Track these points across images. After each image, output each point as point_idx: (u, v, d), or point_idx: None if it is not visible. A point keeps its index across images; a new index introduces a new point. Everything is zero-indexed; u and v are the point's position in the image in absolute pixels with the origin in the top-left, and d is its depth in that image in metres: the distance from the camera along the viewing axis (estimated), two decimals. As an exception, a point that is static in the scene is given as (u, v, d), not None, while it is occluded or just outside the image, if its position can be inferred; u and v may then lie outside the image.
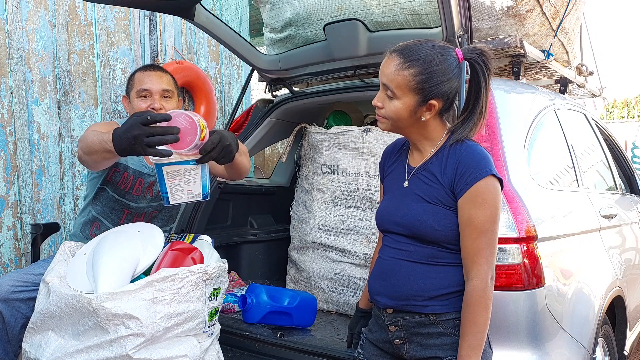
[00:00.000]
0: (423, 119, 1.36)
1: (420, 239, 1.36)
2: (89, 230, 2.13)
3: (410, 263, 1.38)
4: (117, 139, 1.49)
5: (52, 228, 2.44)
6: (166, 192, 1.63)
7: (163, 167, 1.59)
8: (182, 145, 1.52)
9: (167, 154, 1.49)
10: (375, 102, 1.39)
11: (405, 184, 1.43)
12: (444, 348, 1.35)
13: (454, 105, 1.49)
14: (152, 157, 1.53)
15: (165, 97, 2.00)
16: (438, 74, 1.32)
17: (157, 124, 1.48)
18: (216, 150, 1.60)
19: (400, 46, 1.36)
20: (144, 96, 1.97)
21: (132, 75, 2.06)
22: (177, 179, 1.63)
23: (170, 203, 1.65)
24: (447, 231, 1.33)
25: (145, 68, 2.06)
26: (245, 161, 1.93)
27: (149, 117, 1.46)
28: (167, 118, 1.48)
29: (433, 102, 1.33)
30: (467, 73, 1.45)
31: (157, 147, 1.46)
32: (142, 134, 1.44)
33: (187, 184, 1.64)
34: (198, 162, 1.61)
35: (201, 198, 1.68)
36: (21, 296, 1.88)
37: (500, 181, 1.34)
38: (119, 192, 2.05)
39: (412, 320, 1.38)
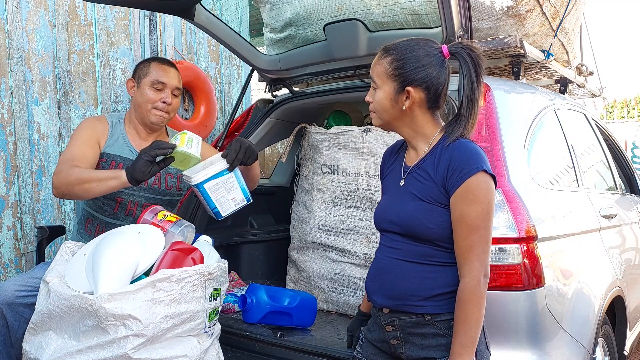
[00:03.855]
0: (404, 107, 1.38)
1: (414, 237, 1.37)
2: (84, 227, 2.15)
3: (405, 262, 1.38)
4: (132, 175, 1.72)
5: (58, 231, 2.45)
6: (215, 207, 1.79)
7: (204, 185, 1.76)
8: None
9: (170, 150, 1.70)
10: (366, 98, 1.45)
11: (401, 182, 1.44)
12: (439, 349, 1.35)
13: (452, 101, 1.49)
14: (185, 177, 1.78)
15: (174, 94, 2.11)
16: (412, 60, 1.36)
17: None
18: (241, 152, 1.80)
19: (386, 43, 1.43)
20: (158, 89, 2.06)
21: (148, 63, 2.13)
22: (220, 192, 1.79)
23: (223, 216, 1.82)
24: (441, 229, 1.33)
25: (163, 61, 2.15)
26: (258, 169, 2.07)
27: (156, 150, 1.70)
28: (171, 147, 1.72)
29: (409, 88, 1.36)
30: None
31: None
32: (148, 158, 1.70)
33: (229, 193, 1.81)
34: (230, 169, 1.78)
35: (245, 202, 1.85)
36: (25, 301, 1.87)
37: (494, 178, 1.34)
38: None
39: (407, 321, 1.38)
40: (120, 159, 2.06)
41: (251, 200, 1.86)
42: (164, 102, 2.06)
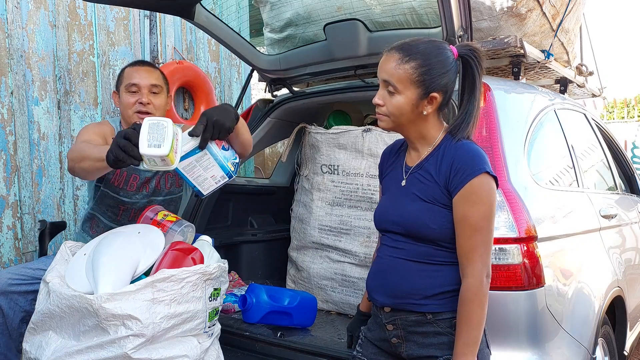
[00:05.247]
0: (425, 112, 1.37)
1: (416, 237, 1.37)
2: (88, 227, 2.16)
3: (406, 262, 1.38)
4: (110, 165, 1.55)
5: (58, 227, 2.46)
6: (195, 186, 1.70)
7: (177, 166, 1.64)
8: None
9: (134, 163, 1.51)
10: (376, 100, 1.40)
11: (403, 182, 1.44)
12: (440, 347, 1.35)
13: (452, 102, 1.49)
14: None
15: (154, 92, 2.05)
16: (437, 66, 1.35)
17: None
18: (208, 130, 1.62)
19: (398, 43, 1.39)
20: (133, 91, 2.02)
21: (122, 70, 2.10)
22: (196, 170, 1.68)
23: (205, 194, 1.73)
24: (443, 229, 1.34)
25: (134, 64, 2.11)
26: (247, 135, 1.91)
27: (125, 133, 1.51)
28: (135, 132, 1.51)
29: (435, 94, 1.36)
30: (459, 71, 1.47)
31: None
32: (116, 143, 1.49)
33: (207, 171, 1.69)
34: (200, 147, 1.64)
35: (227, 179, 1.72)
36: (19, 289, 1.91)
37: (495, 179, 1.34)
38: (113, 189, 2.07)
39: (409, 319, 1.38)
40: (125, 168, 2.06)
41: (233, 177, 1.75)
42: (140, 103, 2.02)
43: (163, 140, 1.50)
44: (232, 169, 1.73)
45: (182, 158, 1.64)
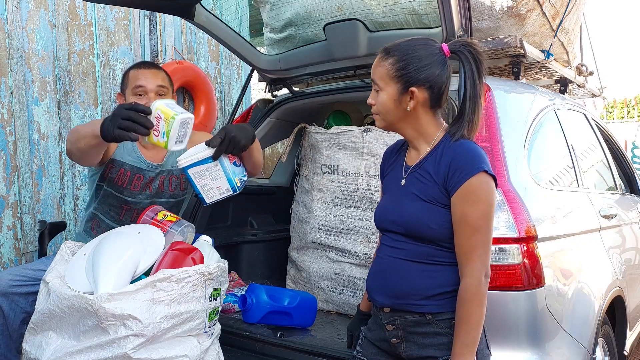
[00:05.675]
0: (408, 108, 1.38)
1: (416, 237, 1.37)
2: (89, 227, 2.16)
3: (406, 262, 1.38)
4: (103, 123, 1.60)
5: (58, 227, 2.46)
6: (200, 193, 1.77)
7: (188, 170, 1.73)
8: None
9: (134, 138, 1.57)
10: (368, 100, 1.44)
11: (403, 182, 1.44)
12: (440, 348, 1.35)
13: (452, 101, 1.48)
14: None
15: (161, 94, 2.05)
16: (415, 60, 1.36)
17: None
18: (224, 144, 1.70)
19: (386, 44, 1.42)
20: (139, 94, 2.02)
21: (127, 72, 2.10)
22: (204, 178, 1.75)
23: (207, 202, 1.78)
24: (442, 229, 1.34)
25: (139, 65, 2.11)
26: (259, 156, 1.97)
27: (133, 103, 1.58)
28: (147, 112, 1.58)
29: (413, 89, 1.36)
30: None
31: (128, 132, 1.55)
32: (119, 115, 1.55)
33: (214, 181, 1.76)
34: (213, 158, 1.72)
35: (231, 192, 1.79)
36: (20, 290, 1.91)
37: (494, 178, 1.34)
38: (116, 189, 2.07)
39: (408, 320, 1.38)
40: (128, 167, 2.05)
41: (237, 192, 1.80)
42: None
43: (185, 135, 1.66)
44: (238, 185, 1.80)
45: (195, 164, 1.72)
